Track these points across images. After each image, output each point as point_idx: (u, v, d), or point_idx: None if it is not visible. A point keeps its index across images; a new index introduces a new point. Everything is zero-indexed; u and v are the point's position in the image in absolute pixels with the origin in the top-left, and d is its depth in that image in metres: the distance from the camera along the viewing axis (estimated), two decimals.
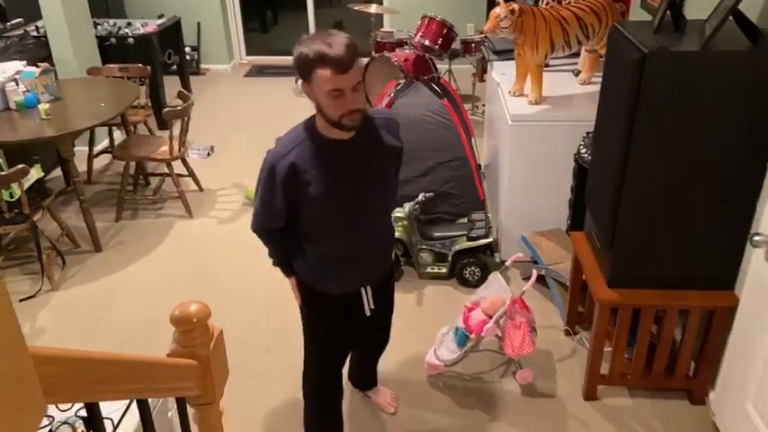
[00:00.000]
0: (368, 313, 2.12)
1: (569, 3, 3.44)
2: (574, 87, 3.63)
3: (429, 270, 3.48)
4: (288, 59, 7.45)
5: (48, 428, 1.52)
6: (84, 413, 1.59)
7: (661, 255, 2.40)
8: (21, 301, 3.44)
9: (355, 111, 1.75)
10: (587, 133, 3.10)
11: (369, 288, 2.09)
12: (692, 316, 2.48)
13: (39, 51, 4.82)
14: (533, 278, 2.68)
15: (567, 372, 2.86)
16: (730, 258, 2.38)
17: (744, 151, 2.19)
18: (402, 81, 3.95)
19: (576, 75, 3.77)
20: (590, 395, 2.71)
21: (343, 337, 2.21)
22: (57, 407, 1.56)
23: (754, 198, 2.26)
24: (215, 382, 1.18)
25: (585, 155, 3.03)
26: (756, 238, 2.11)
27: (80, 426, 1.53)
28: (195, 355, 1.13)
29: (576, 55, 3.71)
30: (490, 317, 2.67)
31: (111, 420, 1.52)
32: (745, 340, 2.30)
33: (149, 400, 1.67)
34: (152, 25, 5.59)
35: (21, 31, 5.12)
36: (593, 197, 2.71)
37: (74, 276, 3.68)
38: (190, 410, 1.29)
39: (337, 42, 1.66)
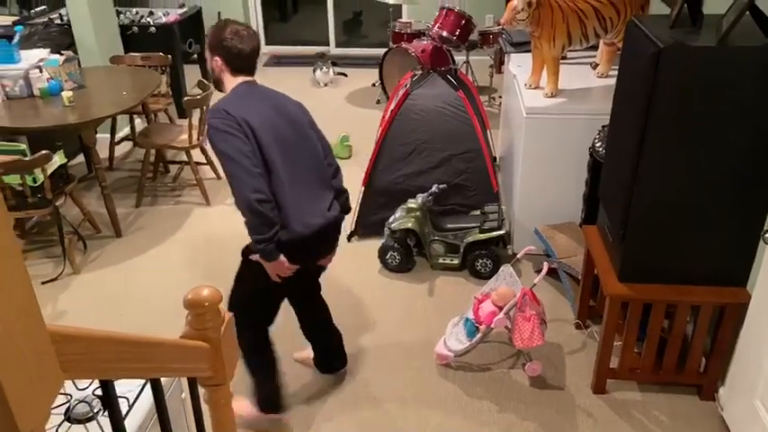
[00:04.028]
0: None
1: None
2: (591, 80, 3.62)
3: (441, 261, 3.50)
4: (307, 49, 7.51)
5: (65, 406, 1.58)
6: (99, 392, 1.66)
7: (673, 250, 2.40)
8: (43, 283, 3.53)
9: None
10: (603, 127, 3.09)
11: None
12: (703, 312, 2.48)
13: (62, 39, 4.90)
14: (544, 271, 2.69)
15: (576, 365, 2.88)
16: (742, 255, 2.38)
17: (758, 147, 2.18)
18: (418, 72, 3.96)
19: (594, 67, 3.76)
20: (599, 389, 2.73)
21: None
22: (75, 386, 1.62)
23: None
24: (225, 365, 1.23)
25: (600, 149, 3.02)
26: None
27: (97, 404, 1.59)
28: (206, 338, 1.18)
29: (595, 47, 3.70)
30: (500, 308, 2.70)
31: (127, 399, 1.58)
32: (756, 337, 2.30)
33: (163, 380, 1.73)
34: (174, 15, 5.66)
35: (45, 19, 5.21)
36: (607, 191, 2.71)
37: (94, 260, 3.76)
38: (201, 391, 1.34)
39: None
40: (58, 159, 3.55)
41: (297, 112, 2.35)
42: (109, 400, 0.89)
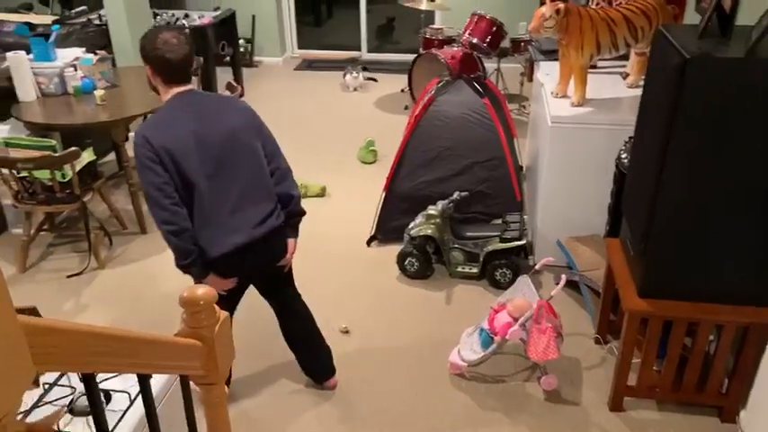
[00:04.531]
0: None
1: (620, 3, 3.36)
2: (621, 90, 3.55)
3: (460, 269, 3.47)
4: (339, 54, 7.56)
5: (69, 398, 1.60)
6: (105, 386, 1.68)
7: (695, 266, 2.33)
8: (68, 277, 3.61)
9: None
10: (629, 138, 3.02)
11: None
12: (725, 331, 2.40)
13: (99, 39, 5.02)
14: (562, 283, 2.64)
15: (594, 380, 2.81)
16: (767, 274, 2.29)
17: None
18: (445, 78, 3.94)
19: (625, 77, 3.69)
20: (616, 406, 2.66)
21: None
22: (79, 379, 1.64)
23: None
24: (219, 364, 1.23)
25: (626, 160, 2.95)
26: None
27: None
28: (200, 337, 1.18)
29: (626, 57, 3.63)
30: (516, 319, 2.66)
31: (129, 394, 1.59)
32: None
33: (165, 377, 1.74)
34: (208, 17, 5.75)
35: (84, 19, 5.35)
36: (630, 204, 2.65)
37: (119, 256, 3.84)
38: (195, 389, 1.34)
39: None
40: (87, 156, 3.63)
41: (236, 120, 2.28)
42: (90, 392, 0.90)
